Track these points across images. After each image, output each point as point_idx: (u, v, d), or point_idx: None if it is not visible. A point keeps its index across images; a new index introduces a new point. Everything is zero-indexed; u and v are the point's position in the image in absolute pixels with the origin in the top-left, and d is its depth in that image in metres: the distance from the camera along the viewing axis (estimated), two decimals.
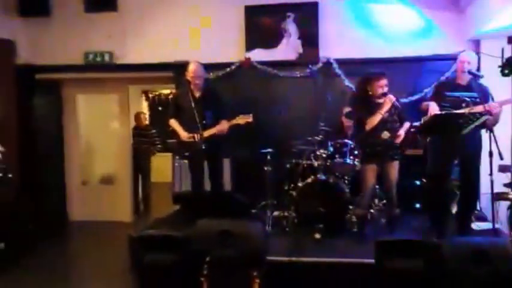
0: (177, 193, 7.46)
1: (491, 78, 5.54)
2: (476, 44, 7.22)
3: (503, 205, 5.98)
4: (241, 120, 6.13)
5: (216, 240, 4.42)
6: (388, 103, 5.67)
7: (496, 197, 5.93)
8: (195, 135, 6.10)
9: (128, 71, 8.26)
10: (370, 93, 5.78)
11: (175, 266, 4.61)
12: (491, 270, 4.00)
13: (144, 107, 13.16)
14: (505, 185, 5.88)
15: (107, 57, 8.22)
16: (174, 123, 6.37)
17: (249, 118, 6.13)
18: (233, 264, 4.41)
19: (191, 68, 6.26)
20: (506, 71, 5.06)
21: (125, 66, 8.20)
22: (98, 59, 8.25)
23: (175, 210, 7.41)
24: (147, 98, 13.32)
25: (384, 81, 5.71)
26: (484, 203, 6.49)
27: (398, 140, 5.71)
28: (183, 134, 6.21)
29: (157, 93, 13.26)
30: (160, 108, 13.01)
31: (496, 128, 5.54)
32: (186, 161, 6.67)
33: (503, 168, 5.66)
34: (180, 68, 7.42)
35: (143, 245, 4.84)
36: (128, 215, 9.05)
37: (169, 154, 8.16)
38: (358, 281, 4.80)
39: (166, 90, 12.47)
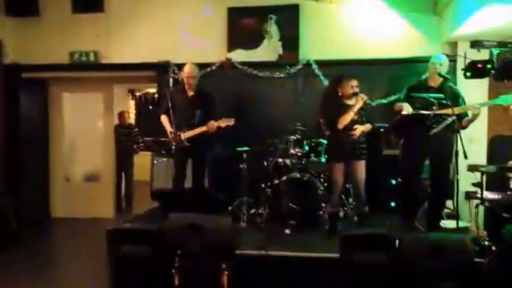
0: (154, 190, 7.56)
1: (469, 80, 5.62)
2: (454, 46, 7.35)
3: (474, 204, 6.08)
4: (223, 123, 6.24)
5: (187, 234, 4.54)
6: (360, 101, 5.84)
7: (466, 196, 6.08)
8: (179, 134, 6.22)
9: (112, 70, 8.38)
10: (340, 93, 5.94)
11: (149, 258, 4.71)
12: (448, 264, 4.15)
13: (131, 105, 13.18)
14: (474, 184, 6.00)
15: (92, 57, 8.35)
16: (164, 120, 6.49)
17: (231, 122, 6.23)
18: (203, 257, 4.52)
19: (186, 68, 6.40)
20: (468, 74, 5.17)
21: (110, 66, 8.33)
22: (84, 58, 8.37)
23: (155, 207, 7.51)
24: (134, 97, 13.35)
25: (354, 82, 5.87)
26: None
27: (356, 132, 5.86)
28: (170, 132, 6.35)
29: (144, 92, 13.26)
30: (151, 107, 13.04)
31: (471, 130, 5.70)
32: (166, 159, 6.78)
33: (472, 168, 5.77)
34: (163, 67, 7.59)
35: (119, 237, 4.95)
36: (110, 212, 9.17)
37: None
38: (324, 274, 4.90)
39: (153, 89, 12.22)
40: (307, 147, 6.65)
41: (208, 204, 6.64)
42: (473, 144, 6.38)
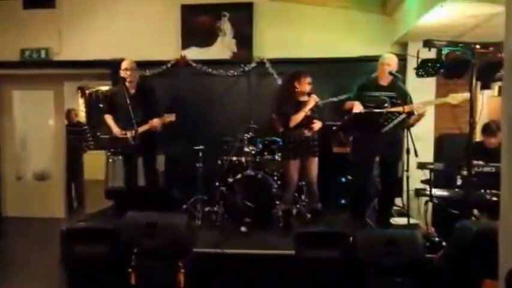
0: (109, 188, 7.50)
1: (418, 79, 5.75)
2: (404, 46, 7.52)
3: (423, 201, 6.24)
4: (167, 118, 6.27)
5: (143, 232, 4.56)
6: (312, 102, 5.98)
7: (416, 193, 6.24)
8: (128, 131, 6.21)
9: (63, 67, 8.28)
10: (298, 89, 6.04)
11: (105, 257, 4.68)
12: (400, 259, 4.28)
13: (80, 103, 12.95)
14: (423, 182, 6.15)
15: (43, 54, 8.23)
16: (108, 119, 6.45)
17: (172, 117, 6.28)
18: (159, 255, 4.53)
19: (123, 65, 6.38)
20: (420, 72, 5.32)
21: (61, 63, 8.23)
22: (34, 55, 8.24)
23: (109, 206, 7.47)
24: (83, 95, 13.09)
25: (309, 79, 6.02)
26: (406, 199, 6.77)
27: (315, 127, 6.05)
28: (116, 130, 6.31)
29: (94, 89, 13.03)
30: (101, 105, 12.77)
31: (419, 128, 5.85)
32: (120, 157, 6.76)
33: (421, 165, 5.90)
34: (116, 65, 7.51)
35: (73, 237, 4.88)
36: (61, 212, 9.05)
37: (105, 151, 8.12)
38: (279, 271, 4.98)
39: (105, 87, 11.86)
40: (260, 145, 6.72)
41: (163, 202, 6.66)
42: (420, 143, 6.54)
